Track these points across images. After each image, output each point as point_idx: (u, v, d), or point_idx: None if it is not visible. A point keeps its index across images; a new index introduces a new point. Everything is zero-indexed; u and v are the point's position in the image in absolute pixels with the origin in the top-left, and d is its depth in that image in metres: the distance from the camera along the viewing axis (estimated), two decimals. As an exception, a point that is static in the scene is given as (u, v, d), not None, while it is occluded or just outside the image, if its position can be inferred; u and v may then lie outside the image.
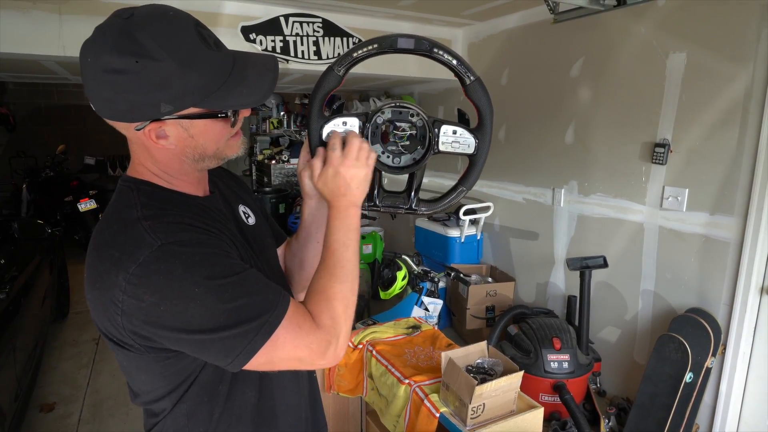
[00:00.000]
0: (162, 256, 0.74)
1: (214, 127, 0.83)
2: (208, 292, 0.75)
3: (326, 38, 3.30)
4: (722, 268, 2.32)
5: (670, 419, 2.22)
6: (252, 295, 0.79)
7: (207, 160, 0.88)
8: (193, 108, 0.78)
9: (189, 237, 0.78)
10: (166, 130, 0.80)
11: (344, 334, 0.86)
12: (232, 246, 0.86)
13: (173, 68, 0.74)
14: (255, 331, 0.77)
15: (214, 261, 0.78)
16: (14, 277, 2.72)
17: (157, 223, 0.78)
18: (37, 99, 7.93)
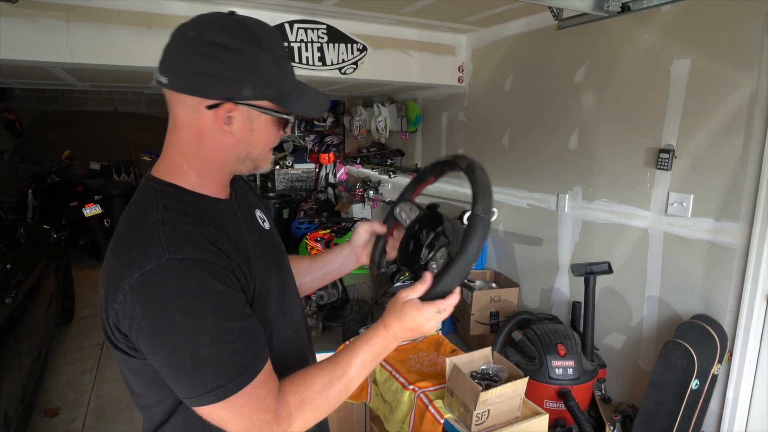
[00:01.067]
0: (164, 270, 0.76)
1: (270, 129, 0.88)
2: (186, 327, 0.76)
3: (331, 44, 3.32)
4: (728, 274, 2.31)
5: (676, 427, 2.21)
6: (224, 352, 0.78)
7: (247, 162, 0.91)
8: (267, 102, 0.84)
9: (197, 256, 0.78)
10: (233, 116, 0.84)
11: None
12: (243, 265, 0.86)
13: (268, 59, 0.82)
14: (209, 390, 0.77)
15: (208, 297, 0.78)
16: (20, 282, 2.74)
17: (174, 230, 0.80)
18: (43, 105, 7.99)
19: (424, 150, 4.81)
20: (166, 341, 0.76)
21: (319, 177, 6.89)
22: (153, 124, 8.79)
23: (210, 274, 0.78)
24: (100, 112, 8.39)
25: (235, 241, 0.88)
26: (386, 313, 0.92)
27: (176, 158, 0.89)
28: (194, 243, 0.79)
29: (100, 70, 3.12)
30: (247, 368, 0.80)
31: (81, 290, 5.01)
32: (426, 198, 1.18)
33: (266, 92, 0.83)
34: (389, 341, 0.92)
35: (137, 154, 8.28)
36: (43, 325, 3.09)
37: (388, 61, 3.59)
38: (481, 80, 3.87)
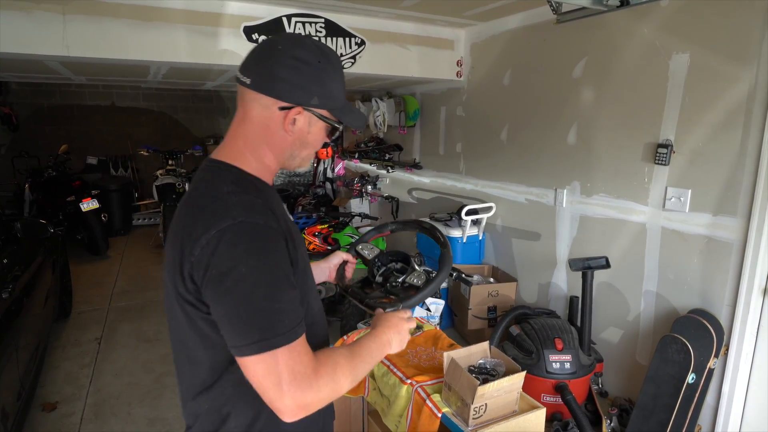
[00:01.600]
0: (236, 230, 0.90)
1: (322, 134, 1.07)
2: (248, 279, 0.89)
3: (329, 38, 3.30)
4: (725, 269, 2.32)
5: (672, 420, 2.22)
6: (275, 310, 0.90)
7: (296, 160, 1.09)
8: (326, 112, 1.04)
9: (264, 222, 0.93)
10: (298, 119, 1.02)
11: (315, 404, 0.93)
12: (290, 241, 0.99)
13: (334, 78, 1.04)
14: (256, 340, 0.88)
15: (269, 258, 0.92)
16: (17, 277, 2.73)
17: (243, 200, 0.95)
18: (40, 99, 7.95)
19: (422, 145, 4.81)
20: (229, 290, 0.88)
21: (318, 172, 6.88)
22: (150, 118, 8.76)
23: (273, 239, 0.93)
24: (98, 106, 8.35)
25: (284, 220, 1.02)
26: (378, 321, 1.20)
27: (240, 145, 1.04)
28: (261, 211, 0.94)
29: (97, 63, 3.10)
30: (293, 329, 0.91)
31: (79, 285, 5.00)
32: (425, 193, 1.44)
33: (327, 104, 1.03)
34: (384, 343, 1.14)
35: (135, 149, 8.25)
36: (40, 320, 3.09)
37: (386, 56, 3.57)
38: (480, 75, 3.86)
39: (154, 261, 6.07)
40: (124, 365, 3.52)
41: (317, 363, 0.94)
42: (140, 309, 4.57)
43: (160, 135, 8.75)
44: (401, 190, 5.22)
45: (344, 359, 1.00)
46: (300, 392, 0.89)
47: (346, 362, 0.99)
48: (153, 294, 4.96)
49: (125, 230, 7.46)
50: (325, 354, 0.98)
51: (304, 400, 0.90)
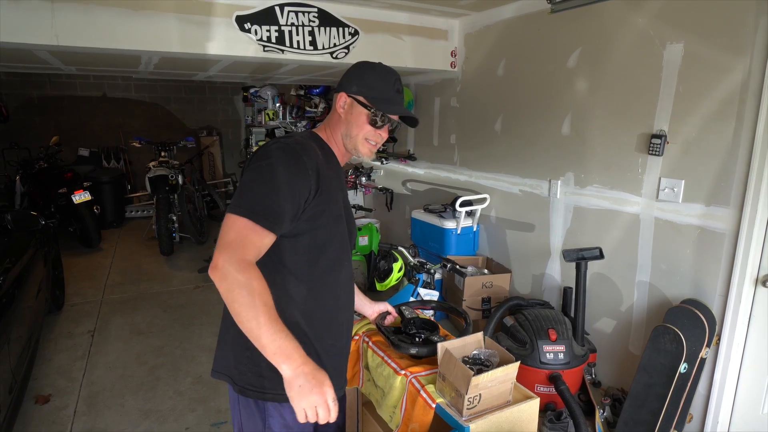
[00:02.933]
0: (281, 145, 1.29)
1: (362, 117, 1.39)
2: (264, 169, 1.24)
3: (322, 28, 3.27)
4: (717, 259, 2.33)
5: (665, 409, 2.24)
6: (259, 196, 1.20)
7: (348, 139, 1.42)
8: (362, 98, 1.39)
9: (301, 152, 1.28)
10: (344, 103, 1.41)
11: (219, 276, 1.13)
12: (321, 188, 1.30)
13: (372, 76, 1.42)
14: (234, 204, 1.20)
15: (288, 170, 1.24)
16: (7, 269, 2.70)
17: (300, 141, 1.32)
18: (30, 90, 7.84)
19: (416, 136, 4.79)
20: (251, 168, 1.27)
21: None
22: (143, 109, 8.67)
23: (299, 164, 1.26)
24: (89, 97, 8.25)
25: (329, 176, 1.34)
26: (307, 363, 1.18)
27: (324, 126, 1.48)
28: (305, 150, 1.29)
29: (87, 53, 3.05)
30: (261, 215, 1.18)
31: (71, 277, 4.97)
32: (419, 185, 1.44)
33: (363, 92, 1.39)
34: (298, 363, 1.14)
35: (127, 141, 8.18)
36: (32, 312, 3.06)
37: (380, 46, 3.54)
38: (474, 65, 3.84)
39: (147, 253, 6.04)
40: (117, 357, 3.51)
41: (251, 265, 1.15)
42: (133, 301, 4.55)
43: (152, 126, 8.67)
44: (395, 182, 5.20)
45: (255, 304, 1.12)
46: (219, 255, 1.13)
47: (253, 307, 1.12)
48: (146, 286, 4.94)
49: (118, 222, 7.41)
50: (263, 287, 1.14)
51: (215, 263, 1.13)
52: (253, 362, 1.33)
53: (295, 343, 1.14)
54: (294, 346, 1.13)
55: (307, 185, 1.26)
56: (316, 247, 1.35)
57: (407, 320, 1.98)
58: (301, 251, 1.34)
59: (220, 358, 1.42)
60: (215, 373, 1.42)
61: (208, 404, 2.94)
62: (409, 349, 1.83)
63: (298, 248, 1.33)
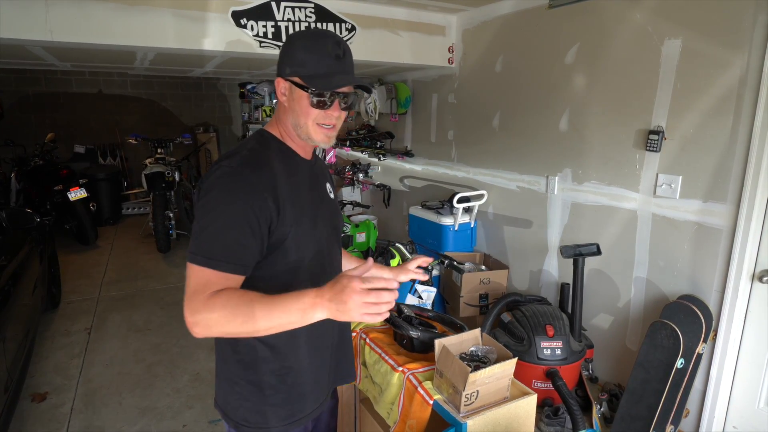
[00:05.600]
0: (225, 170, 1.14)
1: (304, 101, 1.20)
2: (211, 203, 1.11)
3: (319, 24, 3.25)
4: (714, 255, 2.33)
5: (661, 404, 2.24)
6: (215, 237, 1.09)
7: (299, 128, 1.24)
8: (298, 79, 1.19)
9: (249, 172, 1.14)
10: (284, 88, 1.23)
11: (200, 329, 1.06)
12: (276, 198, 1.15)
13: (299, 48, 1.20)
14: (190, 250, 1.09)
15: (237, 200, 1.10)
16: (2, 267, 2.69)
17: (248, 155, 1.19)
18: (25, 86, 7.79)
19: (414, 132, 4.78)
20: (199, 205, 1.13)
21: (309, 160, 6.83)
22: (138, 106, 8.63)
23: (248, 188, 1.11)
24: (84, 93, 8.21)
25: (292, 186, 1.22)
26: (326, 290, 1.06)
27: (274, 120, 1.31)
28: (253, 165, 1.15)
29: (82, 49, 3.03)
30: (219, 260, 1.07)
31: (68, 275, 4.96)
32: (417, 181, 1.42)
33: (297, 71, 1.19)
34: (316, 298, 1.03)
35: (123, 137, 8.14)
36: (28, 310, 3.05)
37: (377, 42, 3.53)
38: (472, 61, 3.83)
39: (144, 250, 6.03)
40: (114, 355, 3.50)
41: (214, 298, 1.04)
42: (130, 298, 4.54)
43: (148, 123, 8.63)
44: (393, 178, 5.19)
45: (233, 309, 1.03)
46: (186, 311, 1.04)
47: (232, 311, 1.03)
48: (143, 283, 4.92)
49: (114, 219, 7.39)
50: (227, 295, 1.05)
51: (190, 319, 1.04)
52: (244, 397, 1.28)
53: (294, 297, 1.04)
54: (295, 299, 1.03)
55: (266, 209, 1.12)
56: (288, 270, 1.22)
57: (406, 316, 1.99)
58: (273, 276, 1.21)
59: (217, 389, 1.37)
60: (216, 404, 1.38)
61: (205, 401, 2.94)
62: (410, 331, 1.85)
63: (267, 275, 1.20)
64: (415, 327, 1.93)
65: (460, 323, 2.08)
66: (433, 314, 2.23)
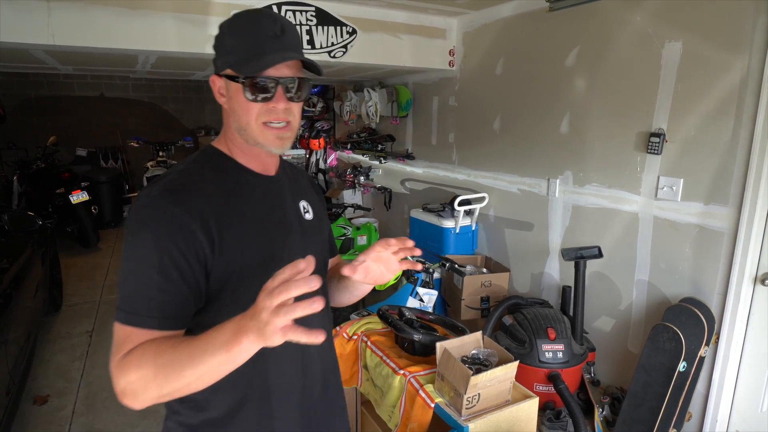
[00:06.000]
0: (138, 205, 0.95)
1: (240, 95, 0.98)
2: (127, 249, 0.93)
3: (320, 27, 3.26)
4: (716, 257, 2.33)
5: (664, 408, 2.24)
6: (137, 286, 0.91)
7: (243, 132, 1.02)
8: (230, 71, 0.98)
9: (163, 204, 0.93)
10: (220, 87, 1.03)
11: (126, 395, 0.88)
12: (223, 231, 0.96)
13: (227, 34, 1.00)
14: (117, 305, 0.92)
15: (150, 239, 0.91)
16: (4, 270, 2.69)
17: (172, 179, 0.98)
18: (27, 90, 7.82)
19: (414, 135, 4.78)
20: (122, 249, 0.95)
21: (310, 163, 6.84)
22: (140, 109, 8.65)
23: (164, 223, 0.92)
24: (86, 97, 8.23)
25: (233, 207, 1.00)
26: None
27: (222, 129, 1.08)
28: (173, 194, 0.94)
29: (84, 53, 3.04)
30: (137, 313, 0.90)
31: (69, 278, 4.96)
32: (418, 184, 1.34)
33: (227, 60, 0.99)
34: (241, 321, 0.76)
35: (125, 140, 8.16)
36: (30, 313, 3.05)
37: (378, 45, 3.53)
38: (472, 64, 3.83)
39: (145, 253, 6.03)
40: (115, 358, 3.50)
41: (129, 356, 0.86)
42: (132, 301, 4.54)
43: (150, 126, 8.66)
44: (394, 181, 5.20)
45: (152, 364, 0.84)
46: (113, 379, 0.88)
47: (151, 368, 0.84)
48: (145, 286, 4.93)
49: (116, 222, 7.40)
50: (141, 350, 0.86)
51: (116, 389, 0.87)
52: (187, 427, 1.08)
53: (217, 327, 0.80)
54: (218, 329, 0.80)
55: (194, 244, 0.92)
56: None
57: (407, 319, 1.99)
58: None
59: None
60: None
61: (206, 404, 2.94)
62: (411, 334, 1.84)
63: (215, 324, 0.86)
64: (416, 330, 1.93)
65: (462, 326, 2.07)
66: (435, 317, 2.23)
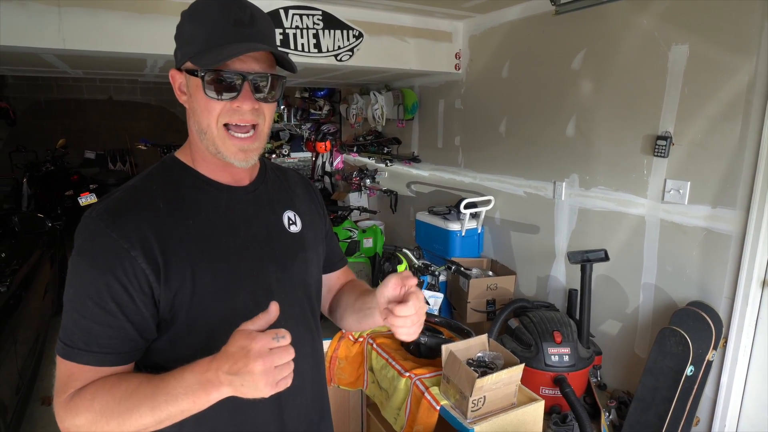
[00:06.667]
0: (82, 225, 0.86)
1: (199, 92, 0.86)
2: (69, 276, 0.86)
3: (326, 31, 3.28)
4: (724, 261, 2.32)
5: (671, 412, 2.22)
6: (76, 317, 0.84)
7: (204, 137, 0.88)
8: (190, 64, 0.86)
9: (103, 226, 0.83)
10: (180, 83, 0.90)
11: None
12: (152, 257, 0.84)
13: (187, 22, 0.87)
14: (59, 339, 0.86)
15: (91, 266, 0.83)
16: (15, 271, 2.72)
17: (121, 196, 0.88)
18: (37, 93, 7.91)
19: (420, 138, 4.79)
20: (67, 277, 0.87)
21: (316, 166, 6.87)
22: (148, 112, 8.72)
23: (104, 248, 0.82)
24: (95, 100, 8.31)
25: (188, 225, 0.88)
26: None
27: (189, 136, 0.96)
28: (118, 213, 0.85)
29: (93, 56, 3.08)
30: (78, 348, 0.83)
31: (77, 279, 4.99)
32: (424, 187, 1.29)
33: (185, 51, 0.87)
34: (207, 374, 0.73)
35: (132, 143, 8.23)
36: (39, 314, 3.08)
37: (384, 48, 3.55)
38: (478, 67, 3.84)
39: (152, 255, 6.06)
40: (123, 359, 3.52)
41: (78, 398, 0.81)
42: (139, 303, 4.56)
43: (157, 129, 8.72)
44: (400, 184, 5.20)
45: (104, 408, 0.79)
46: (57, 418, 0.83)
47: (103, 412, 0.79)
48: (152, 288, 4.95)
49: (124, 225, 7.44)
50: (94, 389, 0.81)
51: (61, 424, 0.83)
52: None
53: (178, 375, 0.75)
54: (179, 378, 0.75)
55: (135, 272, 0.82)
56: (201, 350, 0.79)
57: None
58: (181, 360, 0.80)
59: None
60: None
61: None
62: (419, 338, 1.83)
63: (173, 359, 0.83)
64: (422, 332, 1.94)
65: (467, 329, 2.07)
66: (440, 320, 2.23)
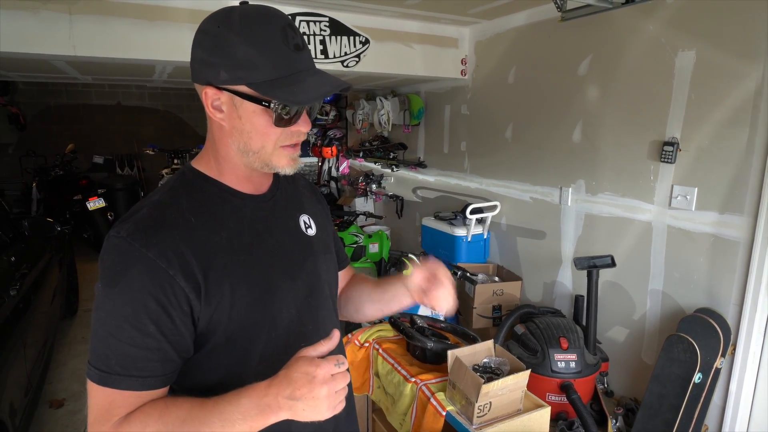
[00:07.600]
0: (108, 245, 0.84)
1: (260, 118, 0.84)
2: (98, 299, 0.83)
3: (333, 37, 3.30)
4: (732, 267, 2.30)
5: (679, 420, 2.21)
6: (110, 341, 0.80)
7: (252, 155, 0.88)
8: (246, 88, 0.82)
9: (138, 246, 0.81)
10: (221, 102, 0.85)
11: None
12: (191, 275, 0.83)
13: (240, 41, 0.80)
14: (90, 361, 0.82)
15: (124, 288, 0.80)
16: (24, 275, 2.75)
17: (149, 213, 0.85)
18: (47, 98, 8.00)
19: (426, 143, 4.80)
20: (96, 296, 0.84)
21: (322, 171, 6.89)
22: (156, 117, 8.80)
23: (137, 268, 0.80)
24: (104, 105, 8.39)
25: (221, 240, 0.88)
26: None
27: (207, 146, 0.95)
28: (150, 232, 0.82)
29: (103, 63, 3.11)
30: (115, 374, 0.79)
31: (85, 283, 5.03)
32: (430, 192, 1.33)
33: (239, 75, 0.81)
34: (265, 399, 0.75)
35: (140, 148, 8.30)
36: (47, 317, 3.11)
37: (390, 54, 3.57)
38: (484, 73, 3.85)
39: (159, 259, 6.10)
40: (130, 363, 3.54)
41: (126, 424, 0.79)
42: (146, 307, 4.59)
43: (165, 134, 8.79)
44: (406, 189, 5.21)
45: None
46: None
47: None
48: (159, 292, 4.98)
49: (131, 229, 7.49)
50: (143, 419, 0.79)
51: None
52: None
53: (234, 400, 0.76)
54: (235, 403, 0.76)
55: (175, 291, 0.81)
56: (238, 363, 0.89)
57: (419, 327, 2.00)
58: (220, 381, 0.87)
59: None
60: None
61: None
62: (426, 343, 1.85)
63: (210, 380, 0.88)
64: (428, 338, 1.94)
65: (473, 334, 2.07)
66: (446, 325, 2.23)
